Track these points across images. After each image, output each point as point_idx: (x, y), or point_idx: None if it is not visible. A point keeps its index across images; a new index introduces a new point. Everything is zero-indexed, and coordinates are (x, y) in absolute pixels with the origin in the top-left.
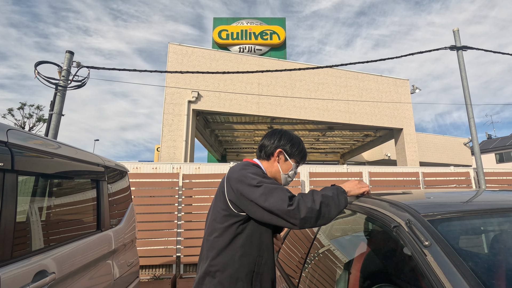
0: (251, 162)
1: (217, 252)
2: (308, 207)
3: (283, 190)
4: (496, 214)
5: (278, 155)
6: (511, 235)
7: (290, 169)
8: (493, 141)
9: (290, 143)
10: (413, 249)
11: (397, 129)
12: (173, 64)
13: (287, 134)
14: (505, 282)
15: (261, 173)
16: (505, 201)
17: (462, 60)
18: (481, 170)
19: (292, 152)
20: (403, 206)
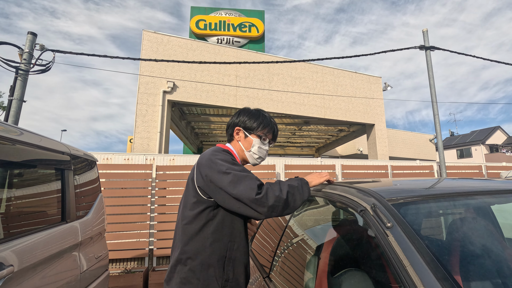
0: (221, 147)
1: (188, 239)
2: (276, 196)
3: (252, 178)
4: (453, 198)
5: (237, 133)
6: (465, 216)
7: (251, 146)
8: (455, 138)
9: (248, 117)
10: (376, 231)
11: (369, 125)
12: (148, 52)
13: (246, 109)
14: (458, 258)
15: (230, 159)
16: (461, 186)
17: (430, 59)
18: (443, 164)
19: (251, 126)
20: (370, 191)
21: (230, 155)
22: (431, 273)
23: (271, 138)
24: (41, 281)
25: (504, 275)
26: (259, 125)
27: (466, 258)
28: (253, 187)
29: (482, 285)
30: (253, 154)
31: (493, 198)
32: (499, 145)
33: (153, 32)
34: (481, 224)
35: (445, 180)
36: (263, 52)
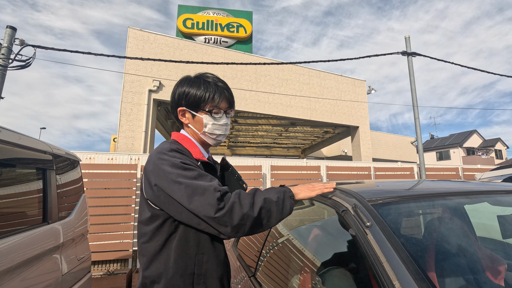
0: (173, 139)
1: (149, 261)
2: (243, 213)
3: (209, 189)
4: (428, 199)
5: (182, 115)
6: (440, 216)
7: (203, 126)
8: (435, 141)
9: (187, 91)
10: (357, 230)
11: (353, 127)
12: (133, 50)
13: (182, 81)
14: (432, 255)
15: (178, 163)
16: (436, 188)
17: (411, 65)
18: (423, 166)
19: (194, 102)
20: (351, 192)
21: (180, 153)
22: (405, 269)
23: (226, 107)
24: (20, 284)
25: (475, 271)
26: (203, 97)
27: (440, 255)
28: (212, 202)
29: (455, 280)
30: (209, 135)
31: (466, 199)
32: (475, 148)
33: (139, 30)
34: (454, 223)
35: (423, 182)
36: (250, 53)
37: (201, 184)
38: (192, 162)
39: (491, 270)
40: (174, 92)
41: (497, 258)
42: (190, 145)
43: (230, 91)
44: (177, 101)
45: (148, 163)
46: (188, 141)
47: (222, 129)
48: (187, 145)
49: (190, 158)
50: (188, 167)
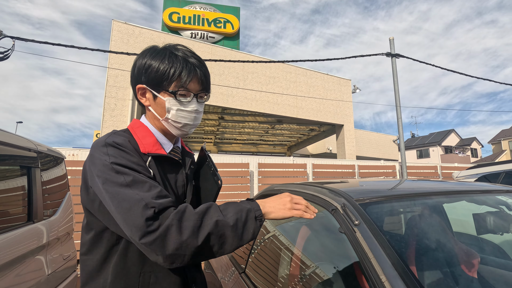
0: (116, 131)
1: (86, 278)
2: (181, 241)
3: (138, 206)
4: (411, 198)
5: (142, 94)
6: (421, 214)
7: (167, 111)
8: (415, 139)
9: (148, 65)
10: (346, 228)
11: (338, 125)
12: (118, 44)
13: (146, 51)
14: (413, 250)
15: (107, 163)
16: (418, 188)
17: (395, 66)
18: (404, 164)
19: (155, 79)
20: (340, 192)
21: (117, 148)
22: (390, 264)
23: (198, 90)
24: (5, 284)
25: (452, 265)
26: (167, 74)
27: (420, 251)
28: (138, 223)
29: (433, 274)
30: (172, 123)
31: (444, 198)
32: (453, 146)
33: (124, 23)
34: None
35: (405, 181)
36: (238, 50)
37: (130, 195)
38: (132, 161)
39: (466, 264)
40: (134, 64)
41: (471, 252)
42: (144, 135)
43: (205, 70)
44: (136, 76)
45: (86, 159)
46: (143, 129)
47: (190, 117)
48: (139, 135)
49: (131, 155)
50: (121, 169)
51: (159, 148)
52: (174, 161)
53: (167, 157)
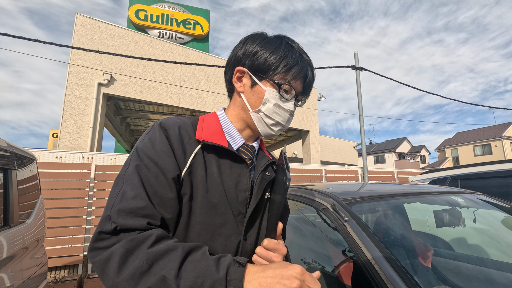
0: (185, 117)
1: None
2: (116, 281)
3: (106, 211)
4: (385, 198)
5: (239, 78)
6: (396, 211)
7: (262, 101)
8: (373, 146)
9: (260, 47)
10: (337, 224)
11: (304, 131)
12: (81, 39)
13: (255, 37)
14: (393, 240)
15: (139, 145)
16: (390, 190)
17: (359, 78)
18: (366, 169)
19: (262, 65)
20: (328, 193)
21: (160, 133)
22: (376, 249)
23: (300, 90)
24: None
25: (411, 257)
26: (277, 63)
27: (391, 239)
28: (96, 230)
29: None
30: (263, 118)
31: (406, 198)
32: (405, 153)
33: (89, 18)
34: (398, 217)
35: (372, 184)
36: (207, 52)
37: (111, 194)
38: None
39: (422, 255)
40: (239, 47)
41: (426, 245)
42: (209, 122)
43: (314, 72)
44: (239, 58)
45: None
46: (211, 118)
47: (284, 117)
48: (205, 123)
49: (163, 143)
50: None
51: (220, 138)
52: (238, 159)
53: (228, 152)
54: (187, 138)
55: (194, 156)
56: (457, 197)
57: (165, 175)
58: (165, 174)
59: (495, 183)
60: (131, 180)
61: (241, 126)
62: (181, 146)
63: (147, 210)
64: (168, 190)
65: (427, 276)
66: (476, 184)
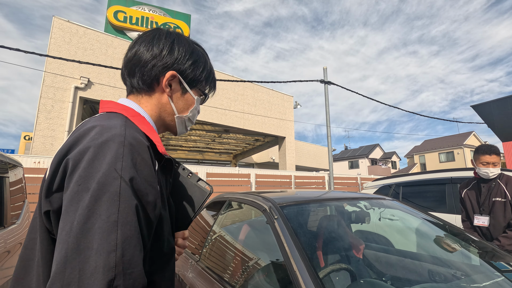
0: (111, 113)
1: None
2: None
3: (98, 271)
4: (313, 202)
5: (169, 82)
6: (322, 213)
7: (189, 108)
8: (348, 152)
9: (190, 59)
10: (270, 221)
11: (281, 137)
12: (58, 42)
13: (181, 40)
14: (320, 238)
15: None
16: (320, 196)
17: (327, 92)
18: (331, 175)
19: (196, 77)
20: (269, 199)
21: (137, 154)
22: (292, 242)
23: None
24: None
25: (346, 249)
26: (209, 76)
27: (324, 239)
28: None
29: (333, 257)
30: (186, 122)
31: (333, 202)
32: (377, 159)
33: (67, 21)
34: (331, 217)
35: (320, 192)
36: None
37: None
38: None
39: (356, 249)
40: (165, 46)
41: (359, 240)
42: (149, 128)
43: None
44: (173, 60)
45: (71, 150)
46: (144, 121)
47: (196, 116)
48: (147, 129)
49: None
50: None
51: (164, 148)
52: (170, 167)
53: (169, 160)
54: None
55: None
56: (365, 202)
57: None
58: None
59: (431, 189)
60: (133, 227)
61: (157, 127)
62: (153, 165)
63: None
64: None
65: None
66: (416, 190)
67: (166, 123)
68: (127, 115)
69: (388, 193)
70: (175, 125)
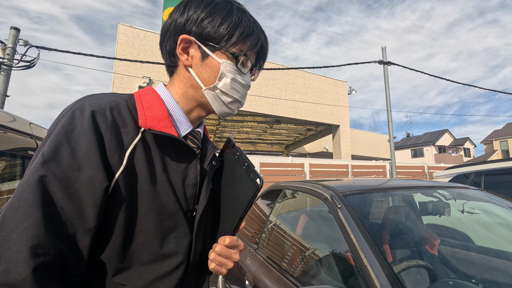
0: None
1: None
2: None
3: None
4: (384, 191)
5: (185, 49)
6: (389, 202)
7: (218, 75)
8: (410, 139)
9: (207, 13)
10: (332, 210)
11: (334, 126)
12: (123, 46)
13: (192, 4)
14: (387, 231)
15: (47, 148)
16: (387, 184)
17: (387, 73)
18: (394, 164)
19: (213, 34)
20: (330, 187)
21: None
22: (359, 233)
23: (254, 63)
24: None
25: (417, 244)
26: (234, 29)
27: (392, 232)
28: None
29: (403, 251)
30: (220, 96)
31: (403, 191)
32: (446, 146)
33: (129, 26)
34: (401, 208)
35: (384, 180)
36: None
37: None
38: (87, 153)
39: (429, 244)
40: (178, 13)
41: (433, 234)
42: (151, 104)
43: (268, 43)
44: (181, 24)
45: None
46: (152, 97)
47: (243, 93)
48: (145, 103)
49: (103, 133)
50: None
51: (168, 125)
52: (186, 149)
53: (176, 141)
54: (123, 126)
55: (133, 149)
56: (444, 191)
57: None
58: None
59: None
60: (26, 198)
61: (189, 107)
62: (116, 138)
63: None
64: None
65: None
66: (502, 179)
67: (199, 101)
68: (138, 93)
69: (466, 183)
70: (207, 101)
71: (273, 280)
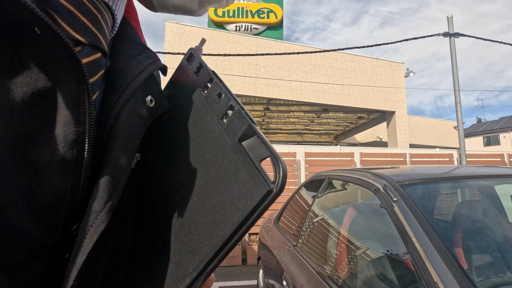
0: None
1: None
2: None
3: None
4: (452, 181)
5: None
6: (462, 196)
7: None
8: (482, 125)
9: None
10: (386, 204)
11: (389, 112)
12: (171, 43)
13: None
14: (460, 232)
15: None
16: (461, 172)
17: (454, 46)
18: (463, 152)
19: None
20: (382, 175)
21: None
22: (423, 232)
23: None
24: None
25: (503, 250)
26: None
27: (468, 233)
28: None
29: (482, 257)
30: None
31: (492, 181)
32: None
33: (175, 23)
34: (482, 204)
35: (452, 167)
36: (281, 39)
37: None
38: None
39: None
40: None
41: None
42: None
43: None
44: None
45: None
46: None
47: None
48: None
49: None
50: None
51: None
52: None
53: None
54: None
55: None
56: None
57: None
58: None
59: None
60: None
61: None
62: None
63: None
64: None
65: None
66: None
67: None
68: None
69: None
70: None
71: (312, 286)
